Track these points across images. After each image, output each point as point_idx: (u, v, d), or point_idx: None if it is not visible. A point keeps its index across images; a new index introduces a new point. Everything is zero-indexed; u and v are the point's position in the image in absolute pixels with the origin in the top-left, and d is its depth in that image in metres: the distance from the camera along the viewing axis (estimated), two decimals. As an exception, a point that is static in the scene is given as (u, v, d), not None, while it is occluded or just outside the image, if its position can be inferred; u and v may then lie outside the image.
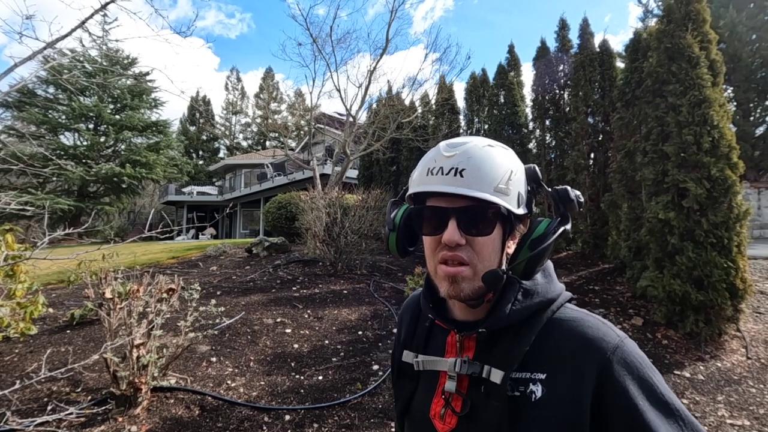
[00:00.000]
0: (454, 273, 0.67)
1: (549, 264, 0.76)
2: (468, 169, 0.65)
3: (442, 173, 0.67)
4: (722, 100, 4.30)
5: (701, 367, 3.63)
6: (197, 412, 2.95)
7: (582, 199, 0.72)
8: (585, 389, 0.61)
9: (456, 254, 0.67)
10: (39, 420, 1.58)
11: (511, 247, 0.73)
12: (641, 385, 0.61)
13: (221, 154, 40.72)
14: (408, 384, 0.81)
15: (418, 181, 0.71)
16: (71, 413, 1.76)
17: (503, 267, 0.71)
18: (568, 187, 0.70)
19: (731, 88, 12.61)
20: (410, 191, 0.74)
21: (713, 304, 3.96)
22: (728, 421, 2.90)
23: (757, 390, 3.26)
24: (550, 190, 0.73)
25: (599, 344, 0.64)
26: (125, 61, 25.15)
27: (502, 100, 8.37)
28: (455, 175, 0.66)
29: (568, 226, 0.70)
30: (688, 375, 3.52)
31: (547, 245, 0.66)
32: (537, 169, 0.75)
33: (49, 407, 2.29)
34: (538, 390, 0.64)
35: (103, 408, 2.84)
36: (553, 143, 7.84)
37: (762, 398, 3.15)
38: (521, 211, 0.70)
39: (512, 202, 0.67)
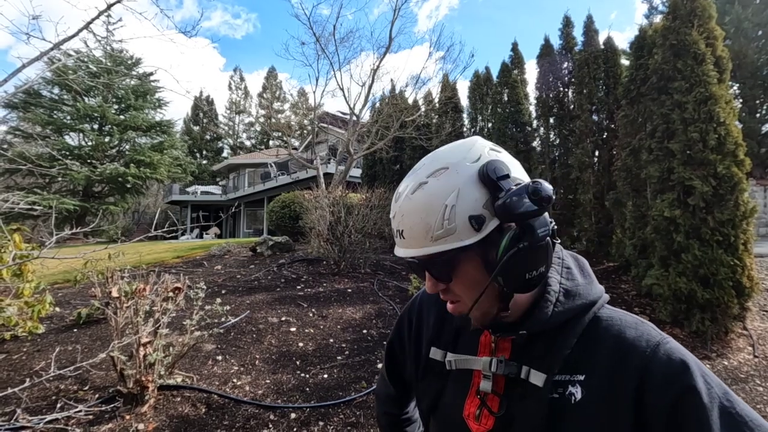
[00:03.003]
0: (452, 309, 0.70)
1: (585, 263, 0.76)
2: (405, 229, 0.65)
3: (396, 235, 0.68)
4: (728, 97, 4.27)
5: (708, 366, 3.61)
6: (203, 410, 2.96)
7: (545, 192, 0.58)
8: (626, 390, 0.60)
9: (447, 297, 0.70)
10: (49, 417, 1.59)
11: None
12: None
13: (225, 154, 40.90)
14: (435, 382, 0.80)
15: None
16: (80, 411, 1.77)
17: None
18: (511, 198, 0.59)
19: (737, 85, 12.53)
20: None
21: (719, 303, 3.94)
22: (735, 420, 2.88)
23: (764, 389, 3.24)
24: (499, 203, 0.60)
25: (639, 343, 0.63)
26: (129, 62, 25.26)
27: (506, 98, 8.34)
28: (400, 237, 0.67)
29: (538, 233, 0.60)
30: (694, 373, 3.51)
31: (507, 266, 0.60)
32: (488, 168, 0.62)
33: (58, 405, 2.31)
34: (577, 392, 0.63)
35: (111, 406, 2.86)
36: (557, 141, 7.82)
37: (769, 397, 3.13)
38: (483, 233, 0.61)
39: (463, 235, 0.61)
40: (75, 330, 4.44)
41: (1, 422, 2.04)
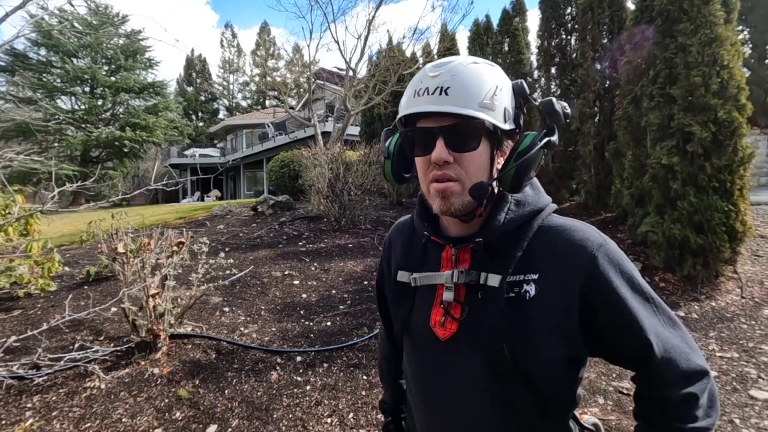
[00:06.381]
0: (443, 188, 0.70)
1: (536, 180, 0.79)
2: (452, 86, 0.67)
3: (428, 93, 0.68)
4: (734, 38, 4.13)
5: (696, 307, 3.76)
6: (214, 355, 3.13)
7: (568, 110, 0.73)
8: (574, 283, 0.67)
9: (445, 172, 0.70)
10: (68, 356, 1.71)
11: (500, 162, 0.75)
12: (623, 277, 0.68)
13: (221, 115, 40.15)
14: (405, 302, 0.85)
15: (406, 105, 0.73)
16: (97, 351, 1.89)
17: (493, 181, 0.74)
18: (553, 99, 0.71)
19: (747, 30, 12.05)
20: (399, 115, 0.75)
21: (712, 248, 4.01)
22: (718, 354, 3.04)
23: (748, 326, 3.39)
24: (536, 103, 0.74)
25: (585, 243, 0.69)
26: (116, 19, 24.24)
27: (507, 48, 8.10)
28: (440, 93, 0.67)
29: (554, 138, 0.72)
30: (682, 314, 3.65)
31: (532, 155, 0.69)
32: (524, 84, 0.75)
33: (76, 345, 2.44)
34: (531, 289, 0.70)
35: (126, 348, 3.02)
36: (558, 92, 7.65)
37: (752, 333, 3.28)
38: (508, 126, 0.71)
39: (498, 117, 0.69)
40: (85, 287, 4.59)
41: (24, 362, 2.17)
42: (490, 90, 0.68)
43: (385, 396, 1.08)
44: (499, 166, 0.75)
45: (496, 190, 0.75)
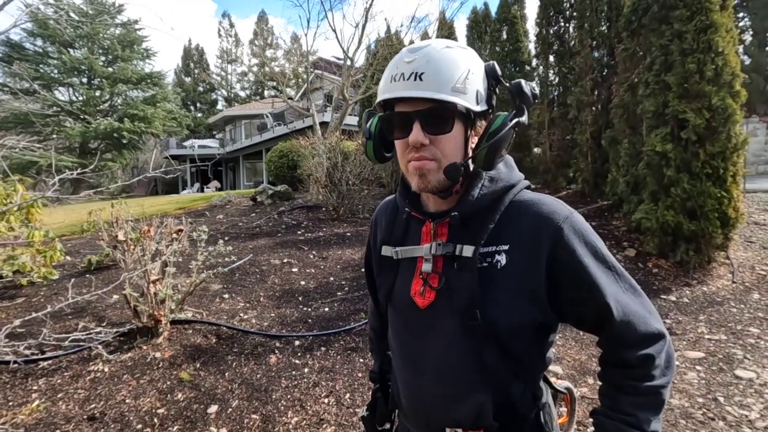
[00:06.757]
0: (420, 166, 0.75)
1: (509, 157, 0.84)
2: (426, 72, 0.71)
3: (404, 79, 0.72)
4: (730, 25, 4.14)
5: (687, 292, 3.82)
6: (214, 340, 3.20)
7: (537, 91, 0.78)
8: (541, 252, 0.73)
9: (422, 154, 0.75)
10: (72, 336, 1.77)
11: (474, 141, 0.80)
12: (587, 247, 0.74)
13: (219, 106, 39.97)
14: (389, 274, 0.91)
15: (383, 89, 0.77)
16: (100, 332, 1.95)
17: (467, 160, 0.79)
18: (522, 81, 0.76)
19: (748, 17, 11.96)
20: (378, 100, 0.79)
21: (704, 233, 4.07)
22: (707, 336, 3.11)
23: (737, 309, 3.46)
24: (507, 85, 0.78)
25: (553, 215, 0.74)
26: (112, 9, 24.02)
27: (505, 36, 8.07)
28: (415, 79, 0.71)
29: (524, 118, 0.76)
30: (674, 299, 3.72)
31: (502, 134, 0.73)
32: (496, 66, 0.79)
33: (80, 326, 2.50)
34: (502, 259, 0.75)
35: (129, 331, 3.09)
36: (556, 80, 7.64)
37: (741, 316, 3.35)
38: (480, 108, 0.75)
39: (470, 100, 0.73)
40: (87, 275, 4.65)
41: (31, 342, 2.24)
42: (462, 74, 0.72)
43: (374, 366, 1.15)
44: (474, 145, 0.80)
45: (471, 168, 0.79)
